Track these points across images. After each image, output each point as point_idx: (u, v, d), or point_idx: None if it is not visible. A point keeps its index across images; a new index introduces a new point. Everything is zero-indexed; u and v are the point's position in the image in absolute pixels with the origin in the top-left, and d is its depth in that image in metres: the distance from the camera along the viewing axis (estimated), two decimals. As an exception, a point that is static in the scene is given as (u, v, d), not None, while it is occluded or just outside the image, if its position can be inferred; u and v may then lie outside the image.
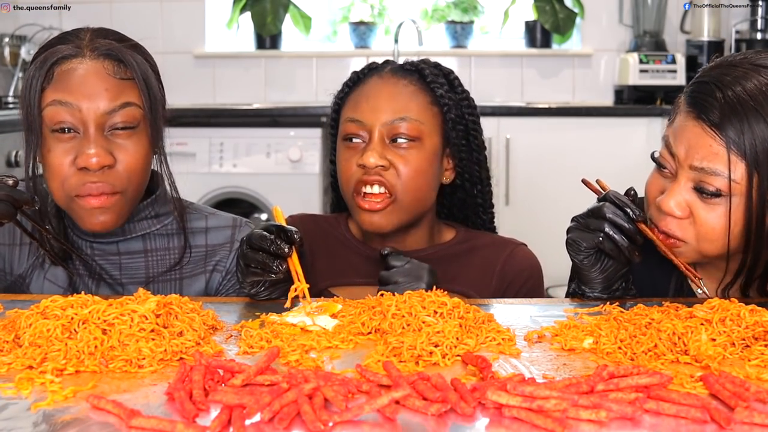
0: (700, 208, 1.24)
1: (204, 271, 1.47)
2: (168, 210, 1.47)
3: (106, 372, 0.94)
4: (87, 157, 1.29)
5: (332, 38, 4.52)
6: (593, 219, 1.28)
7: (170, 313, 1.05)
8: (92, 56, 1.33)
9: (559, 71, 4.30)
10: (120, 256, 1.43)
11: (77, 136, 1.31)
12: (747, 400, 0.84)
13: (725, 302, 1.07)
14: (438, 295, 1.11)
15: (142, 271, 1.44)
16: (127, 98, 1.33)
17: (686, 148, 1.24)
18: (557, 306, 1.26)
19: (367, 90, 1.50)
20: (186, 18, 4.26)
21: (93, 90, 1.31)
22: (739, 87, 1.21)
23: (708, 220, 1.23)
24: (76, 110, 1.30)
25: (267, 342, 1.04)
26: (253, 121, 3.74)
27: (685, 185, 1.25)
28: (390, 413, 0.80)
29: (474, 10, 4.44)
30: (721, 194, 1.21)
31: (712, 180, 1.21)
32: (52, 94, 1.32)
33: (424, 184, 1.48)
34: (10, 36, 4.06)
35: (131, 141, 1.34)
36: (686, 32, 4.17)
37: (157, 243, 1.46)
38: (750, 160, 1.19)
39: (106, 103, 1.31)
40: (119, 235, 1.42)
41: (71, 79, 1.31)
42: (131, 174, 1.34)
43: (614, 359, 1.00)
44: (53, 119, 1.31)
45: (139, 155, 1.34)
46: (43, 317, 1.01)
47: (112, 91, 1.32)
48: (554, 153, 3.69)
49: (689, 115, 1.24)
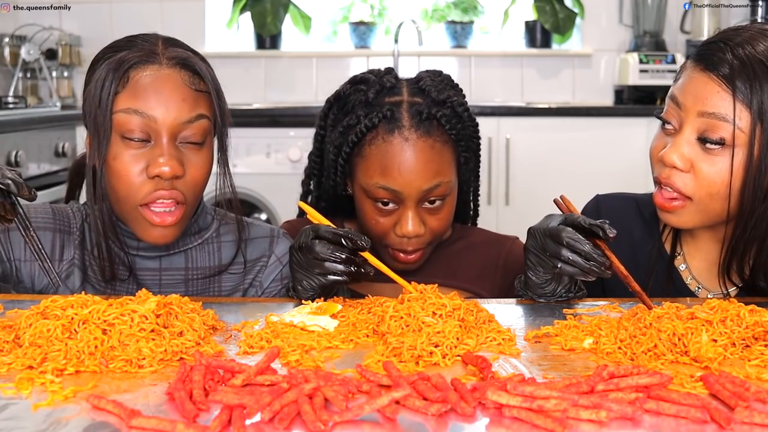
0: (701, 161, 1.25)
1: (241, 288, 1.45)
2: (207, 222, 1.44)
3: (106, 372, 0.94)
4: (160, 166, 1.26)
5: (332, 38, 4.52)
6: (550, 242, 1.22)
7: (170, 313, 1.05)
8: (169, 64, 1.30)
9: (559, 71, 4.30)
10: (161, 272, 1.40)
11: (147, 145, 1.28)
12: (747, 400, 0.84)
13: (725, 303, 1.07)
14: (438, 296, 1.11)
15: (182, 288, 1.40)
16: (201, 110, 1.31)
17: (694, 96, 1.26)
18: (557, 306, 1.26)
19: (393, 154, 1.44)
20: (186, 18, 4.26)
21: (169, 99, 1.28)
22: (749, 47, 1.24)
23: (709, 173, 1.24)
24: (151, 120, 1.27)
25: (267, 342, 1.04)
26: (253, 121, 3.74)
27: (689, 137, 1.26)
28: (390, 413, 0.80)
29: (474, 10, 4.44)
30: (724, 143, 1.23)
31: (717, 127, 1.23)
32: (126, 100, 1.28)
33: (450, 223, 1.54)
34: (10, 36, 4.06)
35: (200, 154, 1.32)
36: (686, 32, 4.17)
37: (198, 260, 1.42)
38: (755, 111, 1.21)
39: (181, 113, 1.28)
40: (163, 249, 1.39)
41: (146, 88, 1.28)
42: (196, 187, 1.32)
43: (614, 359, 1.00)
44: (125, 126, 1.27)
45: (205, 169, 1.33)
46: (43, 317, 1.01)
47: (189, 102, 1.29)
48: (554, 153, 3.69)
49: (696, 68, 1.27)
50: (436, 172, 1.45)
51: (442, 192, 1.46)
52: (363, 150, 1.48)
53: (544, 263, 1.24)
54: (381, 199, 1.46)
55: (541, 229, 1.24)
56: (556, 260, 1.21)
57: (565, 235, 1.19)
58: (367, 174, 1.47)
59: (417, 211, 1.46)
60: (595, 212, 1.52)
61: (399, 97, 1.49)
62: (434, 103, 1.48)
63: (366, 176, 1.47)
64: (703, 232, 1.39)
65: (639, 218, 1.48)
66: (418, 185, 1.44)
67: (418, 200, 1.45)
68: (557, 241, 1.21)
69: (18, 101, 3.63)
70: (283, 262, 1.45)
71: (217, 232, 1.45)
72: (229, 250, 1.44)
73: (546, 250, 1.23)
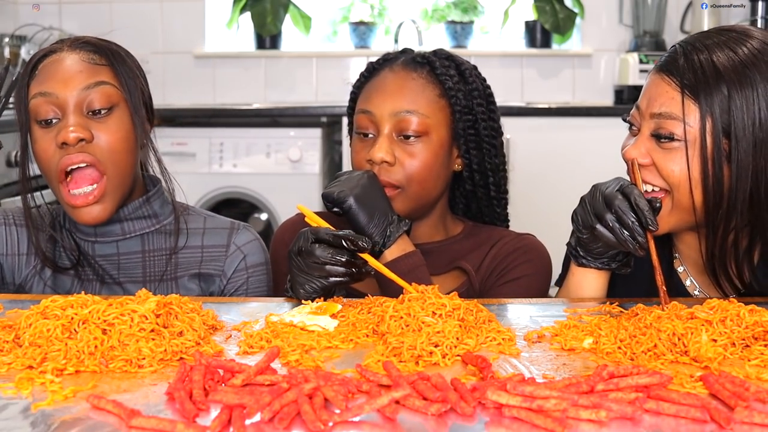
0: (659, 154, 1.30)
1: (198, 273, 1.48)
2: (167, 211, 1.50)
3: (106, 372, 0.94)
4: (66, 132, 1.35)
5: (332, 38, 4.52)
6: (601, 202, 1.25)
7: (170, 313, 1.05)
8: (70, 49, 1.42)
9: (559, 71, 4.30)
10: (119, 256, 1.46)
11: (58, 122, 1.38)
12: (747, 400, 0.84)
13: (725, 303, 1.07)
14: (438, 296, 1.11)
15: (140, 270, 1.46)
16: (101, 78, 1.40)
17: (648, 98, 1.32)
18: (557, 306, 1.26)
19: (378, 82, 1.52)
20: (186, 18, 4.26)
21: (68, 74, 1.38)
22: (706, 52, 1.28)
23: (666, 164, 1.29)
24: (54, 98, 1.37)
25: (267, 342, 1.04)
26: (253, 121, 3.74)
27: (646, 135, 1.31)
28: (390, 413, 0.80)
29: (474, 10, 4.44)
30: (674, 138, 1.27)
31: (668, 125, 1.28)
32: (34, 87, 1.40)
33: (429, 177, 1.49)
34: (10, 36, 4.06)
35: (110, 120, 1.39)
36: (686, 32, 4.17)
37: (155, 243, 1.48)
38: (703, 105, 1.25)
39: (80, 83, 1.38)
40: (118, 234, 1.45)
41: (50, 71, 1.40)
42: (112, 153, 1.38)
43: (614, 359, 1.00)
44: (36, 110, 1.38)
45: (118, 134, 1.39)
46: (43, 317, 1.01)
47: (86, 72, 1.39)
48: (554, 153, 3.69)
49: (653, 71, 1.34)
50: (412, 101, 1.48)
51: (416, 124, 1.46)
52: (360, 92, 1.55)
53: (585, 219, 1.27)
54: (362, 128, 1.50)
55: (600, 187, 1.28)
56: (596, 221, 1.25)
57: (617, 202, 1.23)
58: (357, 107, 1.53)
59: (389, 139, 1.47)
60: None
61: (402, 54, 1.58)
62: (435, 55, 1.55)
63: (356, 109, 1.53)
64: (688, 236, 1.39)
65: None
66: (390, 107, 1.47)
67: (391, 127, 1.47)
68: (608, 204, 1.24)
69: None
70: (245, 251, 1.51)
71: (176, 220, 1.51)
72: (184, 236, 1.50)
73: (594, 208, 1.26)
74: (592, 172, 3.61)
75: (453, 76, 1.53)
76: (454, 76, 1.53)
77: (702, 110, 1.25)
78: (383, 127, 1.47)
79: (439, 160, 1.49)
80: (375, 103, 1.49)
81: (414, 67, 1.52)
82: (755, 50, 1.27)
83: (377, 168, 1.46)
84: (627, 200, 1.23)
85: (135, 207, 1.46)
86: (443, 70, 1.52)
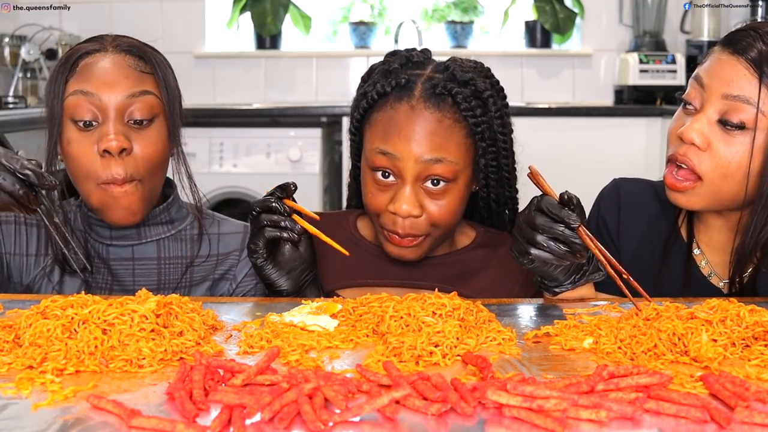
0: (719, 141, 1.27)
1: (211, 279, 1.47)
2: (182, 215, 1.49)
3: (106, 372, 0.94)
4: (108, 140, 1.33)
5: (332, 38, 4.52)
6: (527, 228, 1.21)
7: (170, 313, 1.05)
8: (114, 51, 1.39)
9: (559, 71, 4.30)
10: (134, 261, 1.45)
11: (98, 126, 1.35)
12: (747, 400, 0.84)
13: (725, 302, 1.07)
14: (438, 296, 1.11)
15: (154, 278, 1.45)
16: (146, 87, 1.38)
17: (720, 78, 1.27)
18: (557, 306, 1.26)
19: (396, 119, 1.38)
20: (186, 18, 4.26)
21: (113, 79, 1.36)
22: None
23: (726, 154, 1.26)
24: (96, 99, 1.34)
25: (267, 342, 1.04)
26: (253, 121, 3.74)
27: (711, 116, 1.27)
28: (390, 413, 0.80)
29: (474, 10, 4.44)
30: (744, 127, 1.24)
31: (739, 110, 1.25)
32: (74, 84, 1.36)
33: (455, 219, 1.43)
34: (10, 36, 4.06)
35: (150, 132, 1.37)
36: (686, 32, 4.17)
37: (171, 250, 1.47)
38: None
39: (125, 90, 1.35)
40: (134, 238, 1.44)
41: (93, 71, 1.36)
42: (149, 163, 1.37)
43: (614, 359, 1.00)
44: (74, 110, 1.35)
45: (156, 146, 1.38)
46: (43, 317, 1.01)
47: (132, 79, 1.37)
48: (554, 153, 3.69)
49: (725, 52, 1.29)
50: (440, 146, 1.36)
51: (445, 172, 1.36)
52: (371, 117, 1.42)
53: (521, 249, 1.23)
54: (380, 168, 1.38)
55: (520, 216, 1.24)
56: (531, 246, 1.21)
57: (539, 221, 1.20)
58: (369, 140, 1.41)
59: (415, 188, 1.37)
60: (614, 195, 1.53)
61: (421, 71, 1.43)
62: (453, 81, 1.40)
63: (369, 143, 1.41)
64: (715, 219, 1.39)
65: (656, 202, 1.49)
66: (418, 154, 1.35)
67: (417, 175, 1.36)
68: (532, 227, 1.21)
69: (18, 101, 3.63)
70: None
71: (191, 226, 1.49)
72: (202, 244, 1.48)
73: (524, 236, 1.22)
74: (593, 172, 3.62)
75: (476, 108, 1.40)
76: (477, 107, 1.40)
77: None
78: (407, 173, 1.36)
79: (464, 200, 1.43)
80: (398, 147, 1.36)
81: (436, 102, 1.38)
82: None
83: (401, 222, 1.38)
84: (544, 214, 1.20)
85: (155, 214, 1.45)
86: (467, 104, 1.39)
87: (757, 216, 1.29)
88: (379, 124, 1.40)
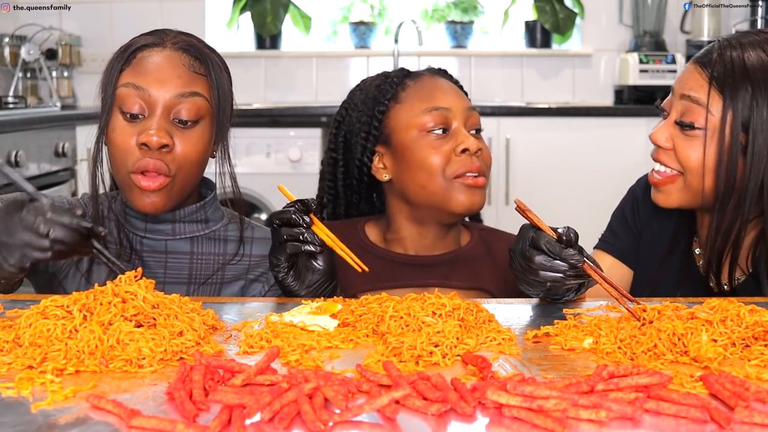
0: (680, 140, 1.37)
1: (244, 279, 1.48)
2: (218, 216, 1.50)
3: (106, 372, 0.94)
4: (148, 135, 1.33)
5: (332, 38, 4.52)
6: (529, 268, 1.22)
7: (169, 314, 1.05)
8: (172, 48, 1.40)
9: (559, 71, 4.30)
10: (167, 254, 1.45)
11: (143, 120, 1.36)
12: (747, 400, 0.84)
13: (725, 302, 1.07)
14: (438, 296, 1.11)
15: (186, 272, 1.46)
16: (196, 89, 1.38)
17: (679, 80, 1.41)
18: (557, 306, 1.26)
19: (431, 82, 1.57)
20: (186, 18, 4.26)
21: (165, 76, 1.36)
22: (739, 49, 1.35)
23: (684, 150, 1.36)
24: (146, 94, 1.35)
25: (267, 342, 1.04)
26: (253, 121, 3.73)
27: (672, 120, 1.39)
28: (390, 413, 0.80)
29: (474, 10, 4.44)
30: (695, 127, 1.35)
31: (691, 110, 1.35)
32: (127, 76, 1.37)
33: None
34: (10, 36, 4.06)
35: (193, 132, 1.38)
36: (686, 32, 4.17)
37: (204, 247, 1.47)
38: (727, 98, 1.32)
39: (175, 88, 1.36)
40: (169, 234, 1.45)
41: (147, 65, 1.37)
42: (185, 162, 1.37)
43: (614, 359, 1.00)
44: (124, 100, 1.36)
45: (197, 147, 1.38)
46: (43, 317, 1.01)
47: (184, 78, 1.37)
48: (554, 153, 3.69)
49: (690, 62, 1.42)
50: (469, 101, 1.57)
51: (478, 120, 1.54)
52: (398, 97, 1.56)
53: (531, 283, 1.24)
54: (431, 127, 1.51)
55: (517, 252, 1.25)
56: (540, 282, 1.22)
57: (537, 260, 1.21)
58: (411, 110, 1.53)
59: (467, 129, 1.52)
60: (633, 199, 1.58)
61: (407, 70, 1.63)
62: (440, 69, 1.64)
63: (410, 112, 1.53)
64: (704, 218, 1.44)
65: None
66: (462, 102, 1.54)
67: (465, 118, 1.52)
68: (532, 266, 1.21)
69: (18, 101, 3.63)
70: None
71: (225, 227, 1.50)
72: (233, 244, 1.49)
73: (527, 272, 1.23)
74: (592, 172, 3.63)
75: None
76: None
77: (725, 102, 1.32)
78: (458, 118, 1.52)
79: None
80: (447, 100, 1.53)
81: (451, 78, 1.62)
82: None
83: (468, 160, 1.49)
84: (543, 253, 1.21)
85: (191, 211, 1.45)
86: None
87: (716, 214, 1.35)
88: (413, 94, 1.55)
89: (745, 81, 1.31)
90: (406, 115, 1.53)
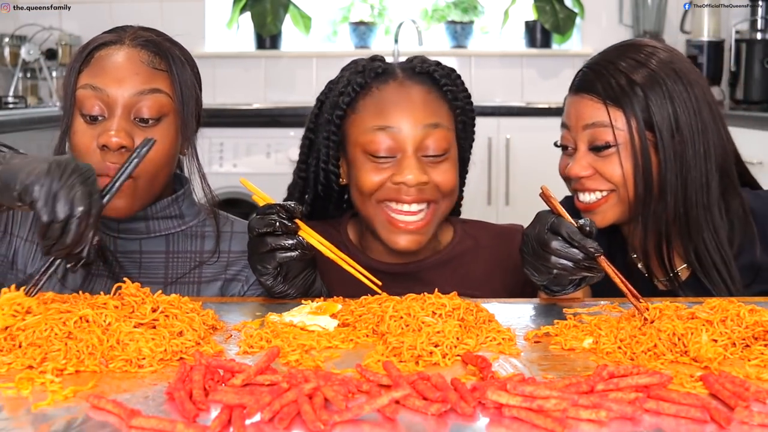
0: (599, 164, 1.42)
1: (222, 278, 1.45)
2: (194, 212, 1.46)
3: (106, 372, 0.94)
4: (108, 137, 1.30)
5: (332, 38, 4.52)
6: (542, 252, 1.22)
7: (169, 315, 1.05)
8: (130, 45, 1.36)
9: (559, 71, 4.30)
10: (141, 254, 1.42)
11: (103, 121, 1.33)
12: (747, 399, 0.84)
13: (725, 302, 1.07)
14: (438, 296, 1.11)
15: (162, 271, 1.42)
16: (157, 85, 1.34)
17: (575, 116, 1.45)
18: (557, 306, 1.26)
19: (389, 97, 1.42)
20: (186, 18, 4.25)
21: (123, 75, 1.33)
22: (612, 66, 1.43)
23: (606, 169, 1.41)
24: (104, 95, 1.32)
25: (267, 342, 1.04)
26: (253, 121, 3.74)
27: (584, 149, 1.43)
28: (390, 413, 0.80)
29: (474, 10, 4.44)
30: (610, 145, 1.40)
31: (600, 133, 1.41)
32: (85, 77, 1.34)
33: (456, 186, 1.46)
34: (10, 36, 4.06)
35: (156, 130, 1.33)
36: (686, 32, 4.17)
37: (180, 245, 1.44)
38: (626, 109, 1.39)
39: (134, 87, 1.33)
40: (143, 232, 1.41)
41: (105, 65, 1.34)
42: (148, 162, 1.30)
43: (614, 359, 1.00)
44: (83, 102, 1.33)
45: (160, 146, 1.32)
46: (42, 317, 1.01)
47: (143, 75, 1.34)
48: (554, 153, 3.68)
49: (571, 95, 1.49)
50: (434, 113, 1.41)
51: (442, 139, 1.40)
52: (356, 107, 1.44)
53: (538, 269, 1.24)
54: (377, 150, 1.39)
55: (532, 236, 1.24)
56: (550, 268, 1.22)
57: (554, 245, 1.21)
58: (361, 124, 1.42)
59: (417, 158, 1.39)
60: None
61: (388, 64, 1.50)
62: (425, 63, 1.48)
63: (360, 127, 1.42)
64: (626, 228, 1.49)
65: None
66: (418, 119, 1.39)
67: (417, 144, 1.39)
68: (546, 250, 1.22)
69: (18, 101, 3.63)
70: None
71: (202, 223, 1.47)
72: (211, 240, 1.46)
73: (538, 257, 1.23)
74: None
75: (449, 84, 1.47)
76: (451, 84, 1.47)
77: (626, 113, 1.39)
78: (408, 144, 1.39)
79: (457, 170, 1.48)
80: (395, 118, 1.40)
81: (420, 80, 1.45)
82: (649, 53, 1.43)
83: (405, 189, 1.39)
84: (561, 238, 1.21)
85: (162, 206, 1.42)
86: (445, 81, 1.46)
87: (642, 212, 1.40)
88: (368, 108, 1.43)
89: (632, 87, 1.39)
90: (356, 129, 1.43)
